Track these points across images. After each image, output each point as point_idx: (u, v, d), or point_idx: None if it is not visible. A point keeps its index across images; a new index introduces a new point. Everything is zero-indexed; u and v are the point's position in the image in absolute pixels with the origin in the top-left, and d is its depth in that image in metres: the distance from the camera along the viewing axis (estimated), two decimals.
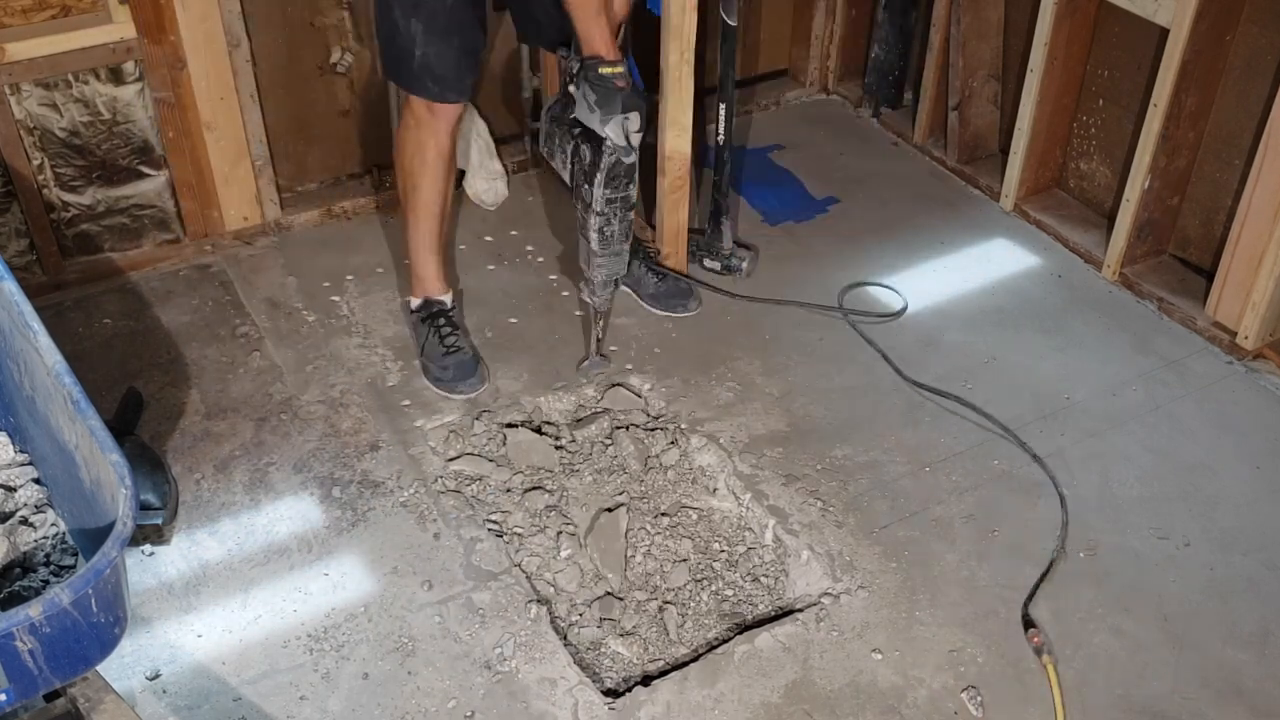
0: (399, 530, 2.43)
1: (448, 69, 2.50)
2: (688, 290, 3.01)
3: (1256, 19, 2.80)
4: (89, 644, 1.53)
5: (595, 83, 2.41)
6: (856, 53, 3.86)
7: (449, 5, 2.44)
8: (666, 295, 2.99)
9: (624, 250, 2.64)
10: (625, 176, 2.51)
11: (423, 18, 2.45)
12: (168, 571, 2.33)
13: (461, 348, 2.76)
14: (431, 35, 2.46)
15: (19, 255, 2.93)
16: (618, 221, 2.57)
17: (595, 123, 2.44)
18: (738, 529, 2.50)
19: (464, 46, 2.49)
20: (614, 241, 2.61)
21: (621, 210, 2.56)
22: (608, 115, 2.42)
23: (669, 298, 2.99)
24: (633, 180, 2.53)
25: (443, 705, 2.11)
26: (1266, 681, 2.17)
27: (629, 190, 2.54)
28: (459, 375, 2.73)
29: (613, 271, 2.66)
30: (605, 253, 2.62)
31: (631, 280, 3.00)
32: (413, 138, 2.62)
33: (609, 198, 2.52)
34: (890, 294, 3.07)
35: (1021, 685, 2.16)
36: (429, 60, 2.48)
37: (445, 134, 2.60)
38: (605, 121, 2.42)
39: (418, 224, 2.73)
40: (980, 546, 2.42)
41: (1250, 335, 2.83)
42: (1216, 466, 2.60)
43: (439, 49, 2.47)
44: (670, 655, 2.26)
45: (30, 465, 1.94)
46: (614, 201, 2.53)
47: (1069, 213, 3.33)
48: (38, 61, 2.72)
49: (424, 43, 2.46)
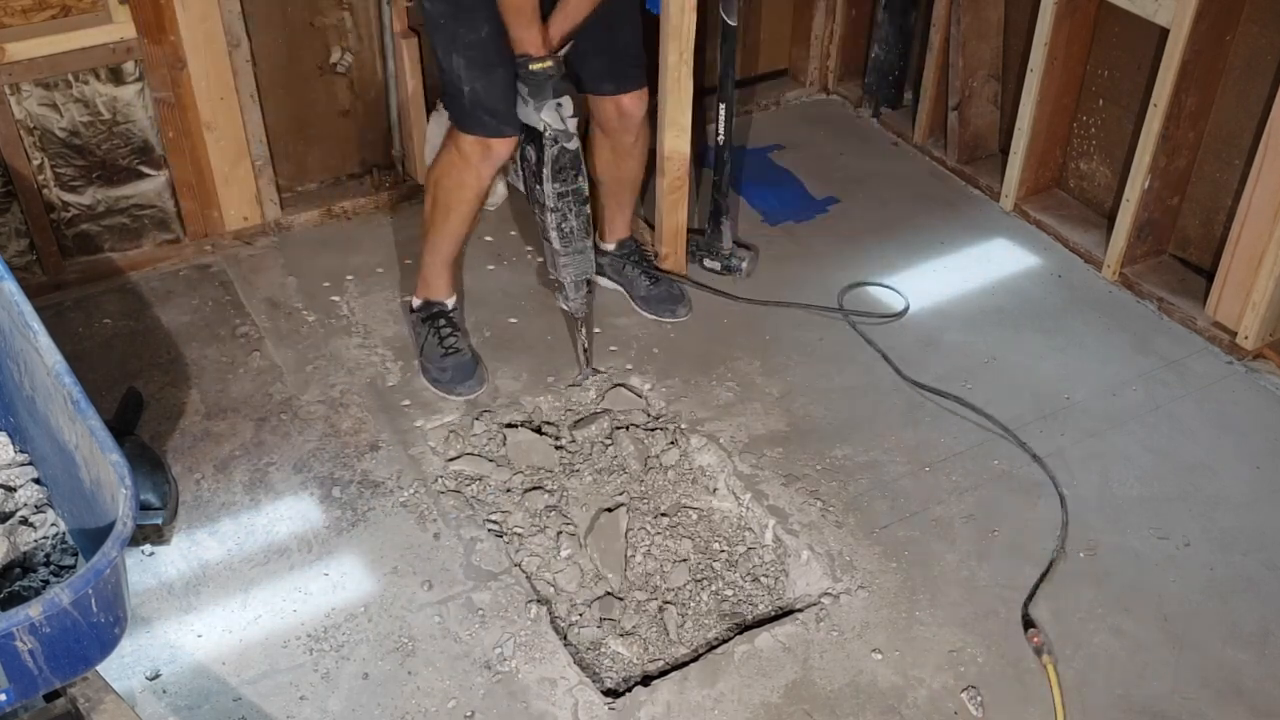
0: (399, 530, 2.43)
1: (497, 100, 2.50)
2: (679, 296, 3.00)
3: (1256, 19, 2.80)
4: (89, 644, 1.53)
5: (526, 78, 2.45)
6: (856, 53, 3.87)
7: (483, 37, 2.45)
8: (658, 299, 2.99)
9: (587, 248, 2.66)
10: (571, 167, 2.54)
11: (461, 52, 2.46)
12: (168, 571, 2.33)
13: (461, 349, 2.76)
14: (474, 69, 2.47)
15: (19, 255, 2.93)
16: (574, 217, 2.60)
17: (531, 114, 2.48)
18: (738, 529, 2.50)
19: (508, 77, 2.48)
20: (575, 238, 2.62)
21: (575, 204, 2.59)
22: (540, 102, 2.45)
23: (660, 302, 2.98)
24: (580, 171, 2.56)
25: (443, 705, 2.11)
26: (1266, 681, 2.17)
27: (579, 182, 2.57)
28: (457, 376, 2.73)
29: (580, 270, 2.67)
30: (569, 250, 2.63)
31: (624, 281, 3.00)
32: (456, 174, 2.62)
33: (559, 191, 2.55)
34: (891, 294, 3.07)
35: (1021, 685, 2.16)
36: (478, 95, 2.49)
37: (489, 170, 2.61)
38: (539, 109, 2.46)
39: (440, 244, 2.75)
40: (980, 546, 2.42)
41: (1250, 335, 2.83)
42: (1216, 466, 2.60)
43: (485, 82, 2.48)
44: (670, 655, 2.26)
45: (30, 465, 1.94)
46: (565, 195, 2.57)
47: (1069, 213, 3.33)
48: (38, 61, 2.72)
49: (469, 78, 2.48)
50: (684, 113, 2.87)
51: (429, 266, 2.79)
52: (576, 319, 2.75)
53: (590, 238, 2.67)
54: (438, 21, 2.48)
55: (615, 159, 2.84)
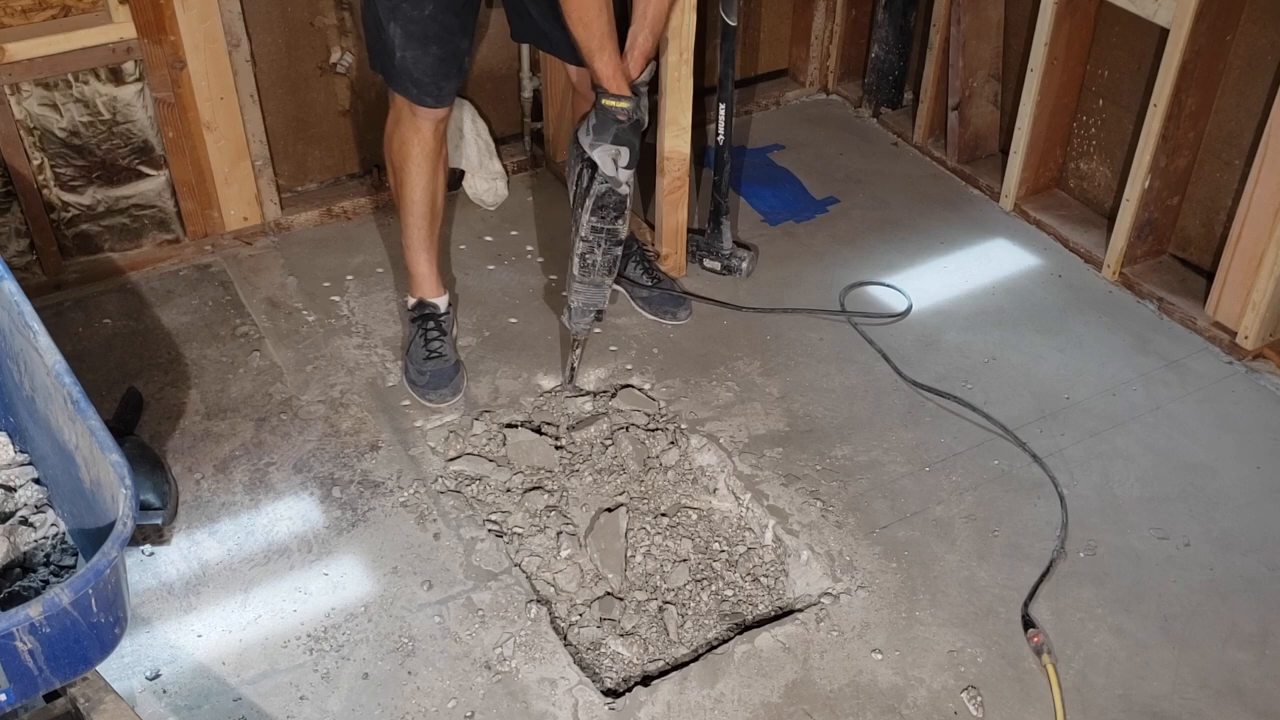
0: (399, 530, 2.43)
1: (425, 74, 2.49)
2: (681, 298, 3.00)
3: (1256, 19, 2.80)
4: (89, 644, 1.53)
5: (598, 109, 2.43)
6: (856, 53, 3.87)
7: (426, 14, 2.42)
8: (660, 301, 2.98)
9: (605, 284, 2.62)
10: (615, 210, 2.51)
11: (400, 22, 2.44)
12: (168, 571, 2.33)
13: (444, 355, 2.75)
14: (410, 40, 2.45)
15: (19, 255, 2.93)
16: (600, 253, 2.57)
17: (587, 145, 2.45)
18: (738, 529, 2.50)
19: (442, 54, 2.48)
20: (594, 271, 2.59)
21: (607, 243, 2.55)
22: (598, 142, 2.43)
23: (661, 304, 2.97)
24: (622, 216, 2.53)
25: (443, 705, 2.11)
26: (1266, 681, 2.17)
27: (617, 224, 2.53)
28: (433, 383, 2.71)
29: (590, 301, 2.64)
30: (585, 281, 2.60)
31: (625, 281, 3.00)
32: (398, 133, 2.63)
33: (594, 225, 2.52)
34: (893, 294, 3.07)
35: (1021, 685, 2.16)
36: (407, 64, 2.48)
37: (430, 133, 2.60)
38: (594, 147, 2.44)
39: (408, 219, 2.73)
40: (980, 546, 2.42)
41: (1250, 335, 2.83)
42: (1216, 466, 2.60)
43: (416, 54, 2.46)
44: (670, 655, 2.26)
45: (30, 465, 1.95)
46: (599, 230, 2.53)
47: (1069, 213, 3.33)
48: (38, 61, 2.72)
49: (403, 45, 2.46)
50: (684, 113, 2.87)
51: (407, 250, 2.78)
52: (574, 340, 2.73)
53: (612, 276, 2.63)
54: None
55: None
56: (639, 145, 2.47)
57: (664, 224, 3.03)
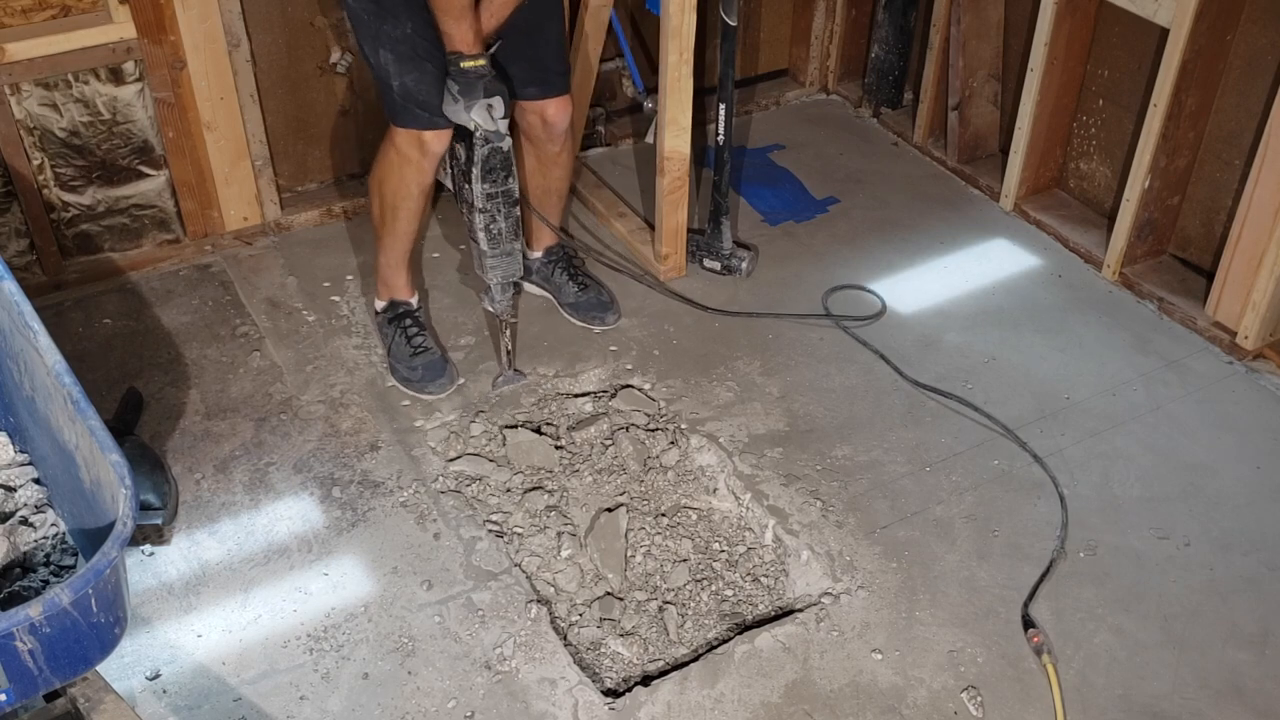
0: (399, 530, 2.43)
1: (429, 94, 2.47)
2: (608, 303, 2.97)
3: (1256, 19, 2.80)
4: (89, 644, 1.53)
5: (457, 76, 2.41)
6: (856, 53, 3.87)
7: (409, 32, 2.42)
8: (586, 306, 2.95)
9: (515, 250, 2.61)
10: (502, 168, 2.50)
11: (388, 47, 2.44)
12: (168, 571, 2.33)
13: (429, 348, 2.76)
14: (403, 63, 2.44)
15: (19, 255, 2.93)
16: (503, 219, 2.56)
17: (460, 113, 2.43)
18: (738, 529, 2.50)
19: (438, 71, 2.45)
20: (503, 240, 2.58)
21: (505, 206, 2.55)
22: (470, 101, 2.41)
23: (589, 309, 2.95)
24: (511, 173, 2.52)
25: (443, 705, 2.11)
26: (1266, 681, 2.17)
27: (509, 184, 2.53)
28: (428, 375, 2.72)
29: (508, 273, 2.63)
30: (496, 252, 2.59)
31: (553, 288, 2.98)
32: (396, 174, 2.60)
33: (489, 193, 2.51)
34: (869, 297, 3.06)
35: (1021, 685, 2.16)
36: (408, 89, 2.46)
37: (430, 168, 2.58)
38: (469, 108, 2.42)
39: (393, 245, 2.74)
40: (980, 546, 2.42)
41: (1250, 335, 2.83)
42: (1216, 466, 2.60)
43: (414, 76, 2.45)
44: (670, 655, 2.26)
45: (30, 465, 1.95)
46: (495, 197, 2.52)
47: (1069, 213, 3.33)
48: (38, 61, 2.73)
49: (398, 72, 2.45)
50: (684, 113, 2.87)
51: (385, 268, 2.79)
52: (501, 321, 2.71)
53: (519, 240, 2.62)
54: (361, 17, 2.45)
55: (541, 168, 2.81)
56: (506, 94, 2.45)
57: (664, 224, 3.03)
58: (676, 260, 3.10)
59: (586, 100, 3.36)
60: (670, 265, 3.10)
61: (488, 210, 2.54)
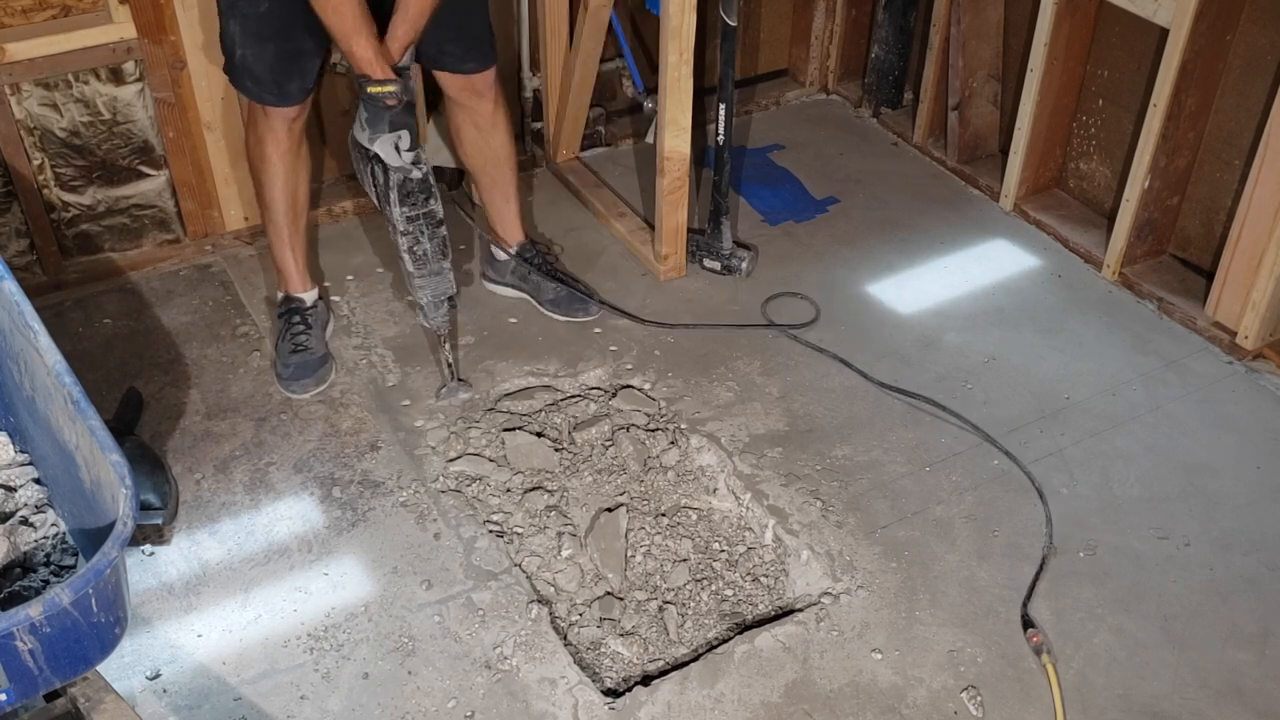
0: (399, 530, 2.43)
1: (264, 72, 2.48)
2: (586, 296, 2.97)
3: (1256, 19, 2.80)
4: (89, 644, 1.53)
5: (365, 102, 2.38)
6: (856, 53, 3.87)
7: (262, 11, 2.41)
8: (568, 300, 2.95)
9: (444, 269, 2.57)
10: (420, 192, 2.46)
11: (238, 19, 2.44)
12: (168, 571, 2.33)
13: (310, 348, 2.74)
14: (248, 37, 2.45)
15: (19, 255, 2.93)
16: (427, 240, 2.52)
17: (366, 141, 2.42)
18: (738, 529, 2.50)
19: (281, 52, 2.45)
20: (429, 260, 2.54)
21: (429, 227, 2.50)
22: (375, 135, 2.40)
23: (570, 303, 2.95)
24: (431, 195, 2.48)
25: (443, 705, 2.11)
26: (1266, 681, 2.17)
27: (430, 205, 2.49)
28: (295, 374, 2.71)
29: (438, 291, 2.59)
30: (423, 272, 2.55)
31: (530, 288, 2.98)
32: (253, 134, 2.62)
33: (409, 215, 2.47)
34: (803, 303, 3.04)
35: (1021, 685, 2.16)
36: (247, 61, 2.47)
37: (284, 133, 2.58)
38: (373, 140, 2.40)
39: (269, 217, 2.74)
40: (980, 546, 2.42)
41: (1250, 335, 2.84)
42: (1216, 466, 2.60)
43: (255, 52, 2.45)
44: (670, 655, 2.26)
45: (30, 465, 1.95)
46: (416, 219, 2.48)
47: (1069, 213, 3.33)
48: (38, 61, 2.73)
49: (241, 43, 2.46)
50: (684, 113, 2.87)
51: (272, 249, 2.79)
52: (439, 336, 2.69)
53: (448, 259, 2.57)
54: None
55: (480, 135, 2.79)
56: (415, 124, 2.43)
57: (664, 224, 3.03)
58: (676, 260, 3.10)
59: (587, 100, 3.37)
60: (670, 265, 3.10)
61: (410, 233, 2.50)
